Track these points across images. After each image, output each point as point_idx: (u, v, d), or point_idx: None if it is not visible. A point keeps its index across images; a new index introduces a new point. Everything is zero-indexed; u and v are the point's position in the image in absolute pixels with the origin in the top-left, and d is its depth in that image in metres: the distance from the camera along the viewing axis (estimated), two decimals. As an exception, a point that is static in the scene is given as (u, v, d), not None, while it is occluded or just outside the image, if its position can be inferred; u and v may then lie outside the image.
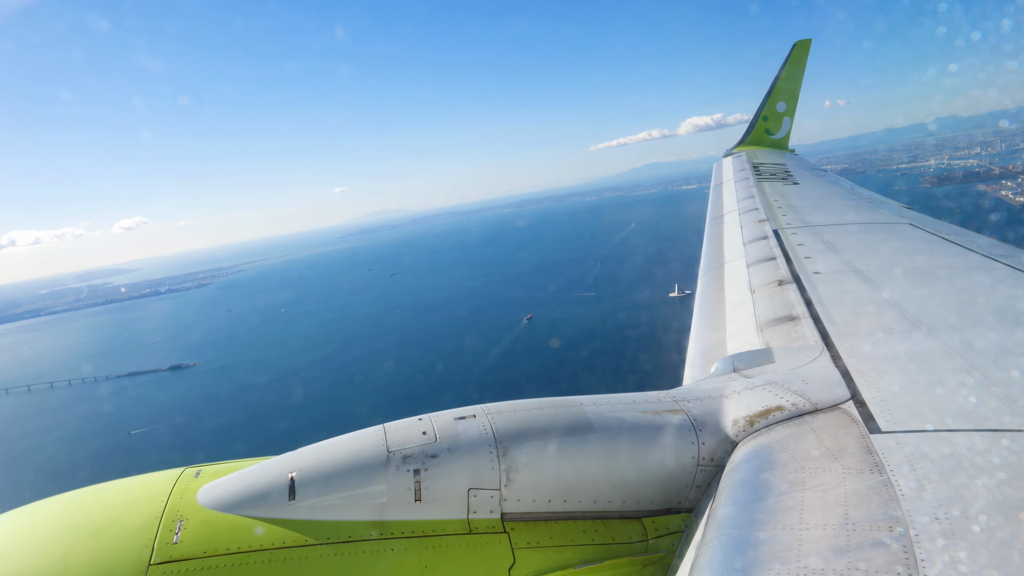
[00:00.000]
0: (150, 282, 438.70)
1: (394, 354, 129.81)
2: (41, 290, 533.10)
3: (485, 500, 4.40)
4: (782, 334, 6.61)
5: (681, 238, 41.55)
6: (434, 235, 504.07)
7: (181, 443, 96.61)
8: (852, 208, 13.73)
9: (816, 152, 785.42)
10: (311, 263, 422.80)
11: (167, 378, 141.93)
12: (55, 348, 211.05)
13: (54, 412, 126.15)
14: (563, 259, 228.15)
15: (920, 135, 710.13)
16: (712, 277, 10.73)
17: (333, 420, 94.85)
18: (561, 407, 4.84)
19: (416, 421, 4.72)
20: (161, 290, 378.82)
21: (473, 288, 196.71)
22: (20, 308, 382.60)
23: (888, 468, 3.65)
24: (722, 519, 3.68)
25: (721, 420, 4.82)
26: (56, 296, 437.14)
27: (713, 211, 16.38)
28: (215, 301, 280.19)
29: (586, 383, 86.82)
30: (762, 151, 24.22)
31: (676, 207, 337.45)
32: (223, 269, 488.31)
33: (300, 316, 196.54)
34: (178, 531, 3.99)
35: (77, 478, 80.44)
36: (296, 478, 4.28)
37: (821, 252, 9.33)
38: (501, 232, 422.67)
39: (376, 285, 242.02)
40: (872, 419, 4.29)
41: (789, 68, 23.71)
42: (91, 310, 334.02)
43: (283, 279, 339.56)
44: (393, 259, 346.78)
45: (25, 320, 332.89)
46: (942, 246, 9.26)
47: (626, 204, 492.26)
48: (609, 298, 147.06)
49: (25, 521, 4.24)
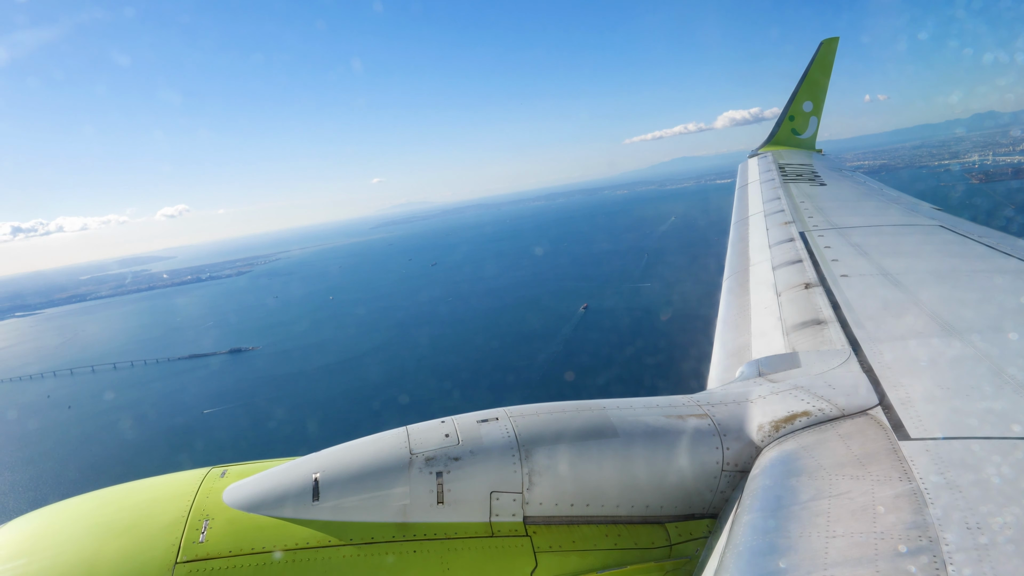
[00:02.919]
0: (191, 269, 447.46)
1: (456, 340, 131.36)
2: (82, 275, 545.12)
3: (507, 503, 4.41)
4: (808, 338, 6.52)
5: (725, 231, 41.64)
6: (468, 226, 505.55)
7: (253, 423, 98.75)
8: (881, 210, 13.40)
9: (851, 147, 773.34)
10: (347, 252, 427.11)
11: (228, 361, 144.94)
12: (108, 331, 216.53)
13: (124, 391, 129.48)
14: (607, 250, 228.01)
15: (957, 131, 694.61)
16: (737, 280, 10.55)
17: (401, 404, 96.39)
18: (584, 411, 4.84)
19: (439, 423, 4.75)
20: (202, 277, 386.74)
21: (520, 278, 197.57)
22: (66, 292, 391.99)
23: (917, 476, 3.60)
24: (746, 525, 3.65)
25: (746, 425, 4.78)
26: (98, 281, 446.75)
27: (738, 213, 16.13)
28: (258, 288, 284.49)
29: (650, 371, 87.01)
30: (788, 151, 23.80)
31: (713, 201, 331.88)
32: (260, 257, 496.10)
33: (349, 304, 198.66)
34: (204, 530, 4.08)
35: (158, 455, 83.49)
36: (320, 479, 4.35)
37: (849, 255, 9.14)
38: (537, 224, 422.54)
39: (419, 274, 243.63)
40: (901, 425, 4.23)
41: (816, 67, 23.23)
42: (135, 296, 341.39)
43: (322, 267, 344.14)
44: (431, 249, 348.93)
45: (71, 304, 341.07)
46: (974, 248, 8.99)
47: (660, 198, 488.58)
48: (666, 288, 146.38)
49: (55, 518, 4.37)
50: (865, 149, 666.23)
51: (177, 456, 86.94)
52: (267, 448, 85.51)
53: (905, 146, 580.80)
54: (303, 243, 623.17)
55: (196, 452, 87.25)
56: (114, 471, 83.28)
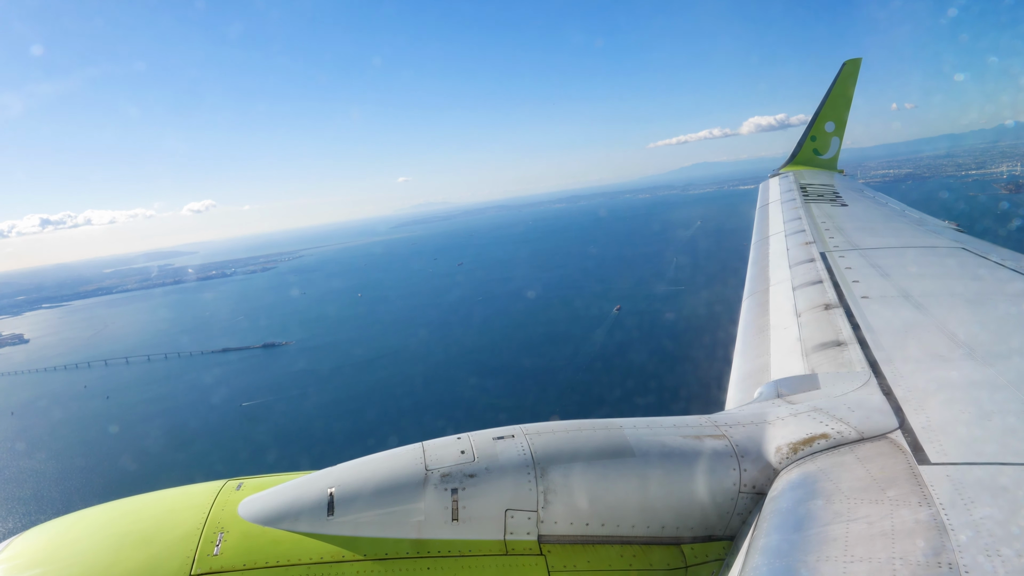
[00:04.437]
0: (216, 264, 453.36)
1: (492, 339, 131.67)
2: (106, 269, 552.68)
3: (522, 521, 4.37)
4: (828, 359, 6.44)
5: (750, 237, 40.90)
6: (489, 227, 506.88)
7: (293, 415, 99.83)
8: (903, 231, 13.36)
9: (874, 156, 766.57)
10: (368, 251, 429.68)
11: (262, 355, 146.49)
12: (138, 324, 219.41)
13: (161, 383, 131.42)
14: (635, 254, 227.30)
15: (982, 141, 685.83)
16: (757, 300, 10.52)
17: (441, 401, 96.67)
18: (600, 429, 4.80)
19: (455, 440, 4.72)
20: (227, 272, 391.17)
21: (550, 280, 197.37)
22: (91, 285, 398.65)
23: (937, 501, 3.55)
24: (764, 548, 3.61)
25: (764, 446, 4.71)
26: (123, 275, 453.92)
27: (759, 232, 16.03)
28: (285, 285, 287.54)
29: (689, 375, 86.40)
30: (810, 171, 23.56)
31: (737, 206, 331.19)
32: (284, 254, 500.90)
33: (378, 301, 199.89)
34: (219, 543, 4.08)
35: (199, 446, 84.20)
36: (335, 494, 4.35)
37: (870, 276, 9.08)
38: (560, 227, 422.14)
39: (447, 274, 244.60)
40: (921, 449, 4.18)
41: (838, 88, 23.06)
42: (161, 289, 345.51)
43: (346, 265, 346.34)
44: (456, 249, 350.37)
45: (98, 297, 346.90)
46: (997, 272, 8.95)
47: (683, 203, 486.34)
48: (699, 292, 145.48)
49: (70, 529, 4.39)
50: (888, 158, 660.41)
51: (217, 447, 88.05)
52: (305, 442, 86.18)
53: (929, 155, 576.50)
54: (325, 241, 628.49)
55: (236, 443, 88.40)
56: (156, 461, 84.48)
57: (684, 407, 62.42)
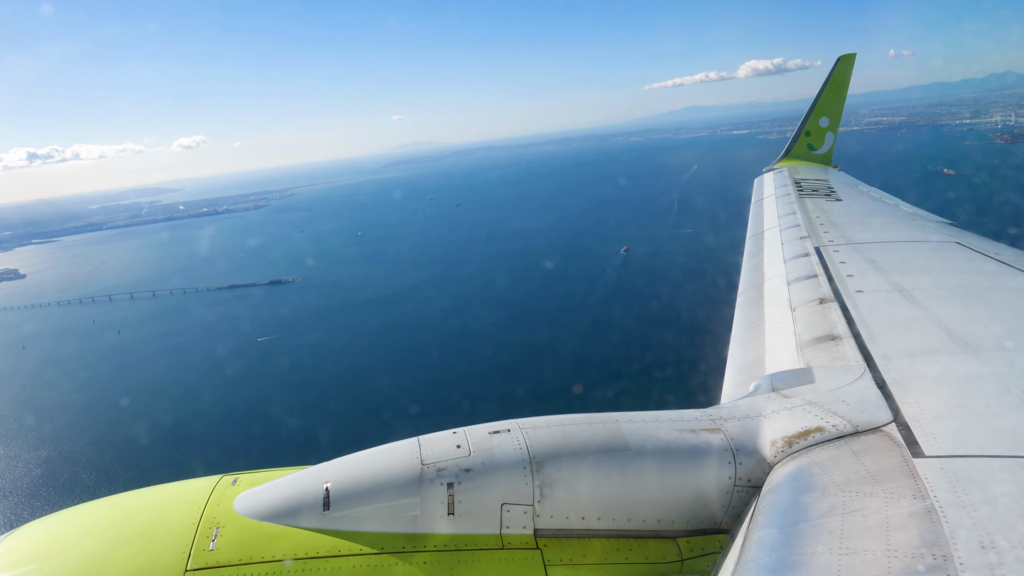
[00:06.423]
0: (207, 201, 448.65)
1: (507, 277, 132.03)
2: (91, 205, 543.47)
3: (518, 515, 4.42)
4: (823, 353, 6.50)
5: (749, 182, 40.91)
6: (482, 168, 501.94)
7: (308, 352, 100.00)
8: (897, 226, 13.39)
9: (866, 103, 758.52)
10: (361, 190, 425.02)
11: (269, 292, 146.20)
12: (136, 260, 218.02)
13: (170, 317, 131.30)
14: (635, 196, 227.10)
15: (974, 90, 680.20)
16: (752, 294, 10.53)
17: (460, 339, 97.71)
18: (596, 423, 4.85)
19: (450, 434, 4.77)
20: (219, 209, 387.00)
21: (552, 220, 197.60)
22: (80, 221, 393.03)
23: (932, 494, 3.62)
24: (759, 541, 3.66)
25: (759, 440, 4.77)
26: (110, 211, 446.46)
27: (753, 227, 16.02)
28: (278, 223, 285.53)
29: (701, 320, 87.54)
30: (804, 167, 23.52)
31: (732, 151, 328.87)
32: (273, 192, 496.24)
33: (379, 240, 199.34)
34: (214, 538, 4.11)
35: (218, 381, 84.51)
36: (331, 489, 4.38)
37: (864, 270, 9.10)
38: (556, 168, 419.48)
39: (446, 214, 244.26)
40: (915, 443, 4.24)
41: (832, 83, 22.99)
42: (153, 226, 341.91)
43: (341, 204, 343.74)
44: (451, 190, 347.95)
45: (88, 233, 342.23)
46: (990, 266, 9.04)
47: (677, 146, 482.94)
48: (705, 235, 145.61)
49: (66, 524, 4.45)
50: (880, 105, 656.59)
51: (239, 381, 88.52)
52: (325, 379, 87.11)
53: (922, 103, 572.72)
54: (314, 179, 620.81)
55: (257, 379, 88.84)
56: (181, 395, 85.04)
57: (697, 345, 62.67)
